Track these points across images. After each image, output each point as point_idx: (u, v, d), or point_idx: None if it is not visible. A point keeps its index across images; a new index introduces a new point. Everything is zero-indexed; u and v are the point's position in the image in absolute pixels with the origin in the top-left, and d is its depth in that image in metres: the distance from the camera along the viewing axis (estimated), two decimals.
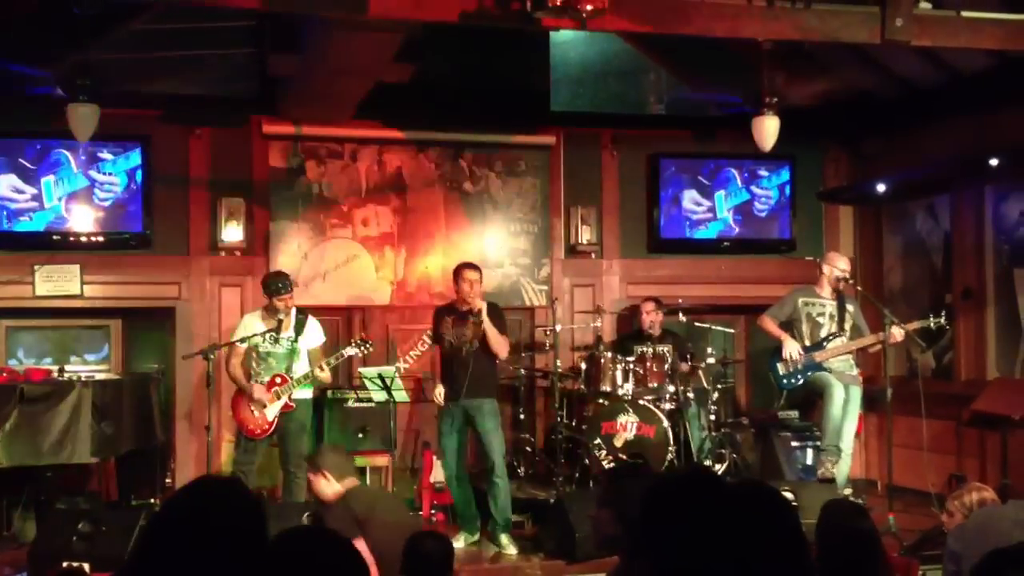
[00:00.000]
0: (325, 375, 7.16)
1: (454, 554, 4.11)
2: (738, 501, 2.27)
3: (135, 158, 8.24)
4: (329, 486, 5.25)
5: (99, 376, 8.03)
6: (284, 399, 7.00)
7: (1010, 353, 8.02)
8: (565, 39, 8.95)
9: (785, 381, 7.71)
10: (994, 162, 7.71)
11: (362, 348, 7.23)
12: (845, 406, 7.47)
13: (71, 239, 8.15)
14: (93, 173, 8.18)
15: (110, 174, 8.21)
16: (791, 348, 7.61)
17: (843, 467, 7.45)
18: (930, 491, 7.39)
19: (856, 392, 7.58)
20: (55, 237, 8.12)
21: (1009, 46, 6.59)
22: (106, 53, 7.26)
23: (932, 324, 7.47)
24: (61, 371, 7.86)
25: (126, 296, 8.39)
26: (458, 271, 7.06)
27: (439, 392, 7.04)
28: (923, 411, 7.35)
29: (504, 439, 7.19)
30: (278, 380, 7.03)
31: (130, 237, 8.27)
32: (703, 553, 2.11)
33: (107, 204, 8.22)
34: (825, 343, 7.63)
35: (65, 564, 5.72)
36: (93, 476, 7.93)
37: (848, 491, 7.34)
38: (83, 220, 8.17)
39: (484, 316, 6.84)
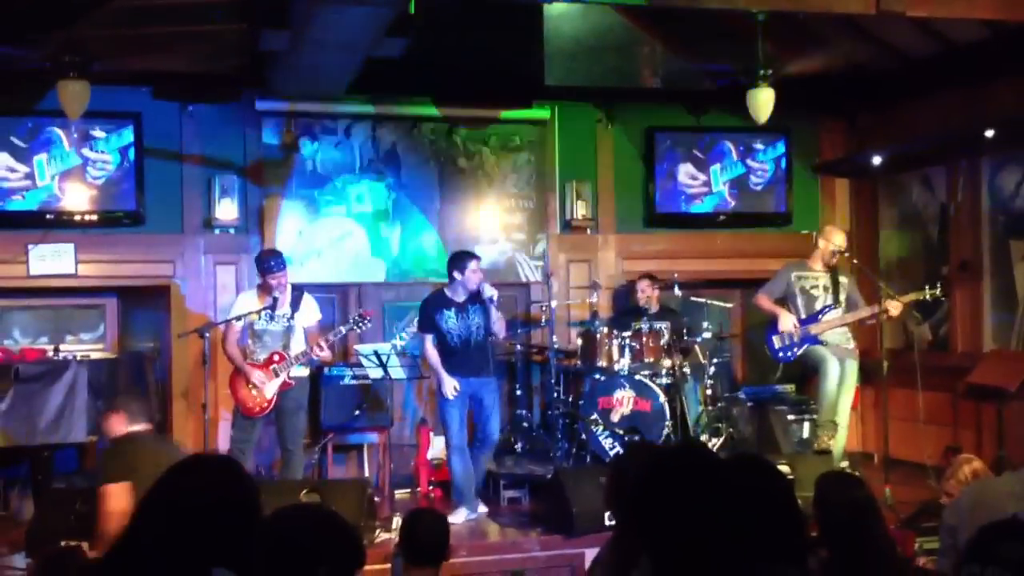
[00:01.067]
0: (325, 354, 7.14)
1: (449, 530, 4.11)
2: (732, 474, 2.27)
3: (127, 135, 8.20)
4: (117, 423, 5.29)
5: (94, 355, 8.04)
6: (283, 376, 6.98)
7: (1006, 325, 8.03)
8: (559, 12, 8.86)
9: (781, 354, 7.72)
10: (990, 133, 7.68)
11: (359, 325, 7.21)
12: (841, 380, 7.48)
13: (64, 218, 8.12)
14: (86, 151, 8.13)
15: (103, 152, 8.17)
16: (787, 321, 7.63)
17: (839, 440, 7.48)
18: (926, 463, 7.43)
19: (852, 366, 7.60)
20: (48, 216, 8.08)
21: (1004, 16, 6.56)
22: (96, 29, 7.19)
23: (928, 295, 7.47)
24: (56, 350, 7.86)
25: (120, 275, 8.37)
26: (464, 261, 7.03)
27: (451, 386, 6.94)
28: (919, 383, 7.37)
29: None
30: (276, 358, 7.01)
31: (123, 215, 8.24)
32: (696, 526, 2.11)
33: (100, 182, 8.19)
34: (820, 315, 7.63)
35: (63, 543, 5.72)
36: (90, 455, 7.93)
37: (845, 464, 7.36)
38: (76, 198, 8.13)
39: (495, 300, 6.91)
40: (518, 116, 9.02)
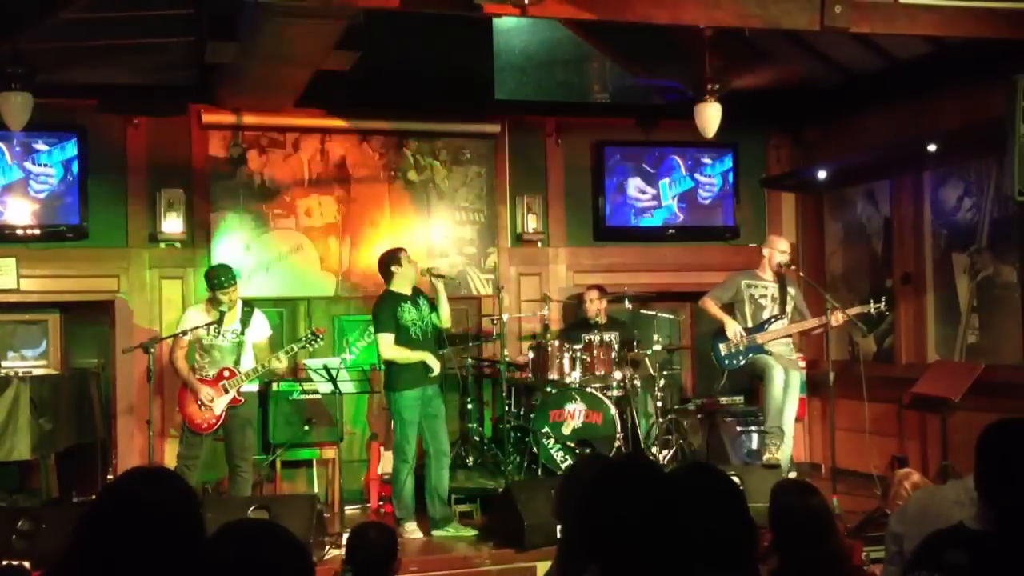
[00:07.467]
0: (283, 365, 7.08)
1: (397, 544, 4.08)
2: (683, 482, 2.27)
3: (71, 149, 8.07)
4: None
5: (37, 372, 7.89)
6: (232, 393, 6.90)
7: (949, 336, 8.15)
8: (509, 27, 8.91)
9: (727, 362, 7.78)
10: (932, 148, 7.81)
11: (311, 343, 7.12)
12: (785, 388, 7.56)
13: (6, 232, 7.96)
14: (28, 165, 7.99)
15: (46, 165, 8.03)
16: (733, 329, 7.68)
17: (785, 450, 7.55)
18: (873, 473, 7.51)
19: (796, 376, 7.68)
20: None
21: (945, 32, 6.69)
22: (40, 41, 7.09)
23: (872, 310, 7.59)
24: None
25: (64, 290, 8.22)
26: (397, 254, 7.08)
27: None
28: (865, 394, 7.45)
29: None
30: (226, 374, 6.93)
31: (67, 229, 8.10)
32: (644, 534, 2.11)
33: (43, 196, 8.05)
34: (767, 325, 7.71)
35: (5, 562, 5.61)
36: (33, 473, 7.78)
37: (792, 474, 7.43)
38: (18, 213, 7.98)
39: (441, 281, 6.98)
40: (468, 130, 9.02)
